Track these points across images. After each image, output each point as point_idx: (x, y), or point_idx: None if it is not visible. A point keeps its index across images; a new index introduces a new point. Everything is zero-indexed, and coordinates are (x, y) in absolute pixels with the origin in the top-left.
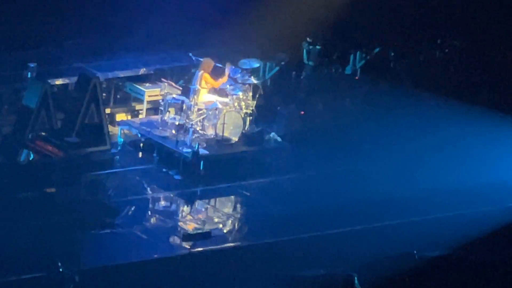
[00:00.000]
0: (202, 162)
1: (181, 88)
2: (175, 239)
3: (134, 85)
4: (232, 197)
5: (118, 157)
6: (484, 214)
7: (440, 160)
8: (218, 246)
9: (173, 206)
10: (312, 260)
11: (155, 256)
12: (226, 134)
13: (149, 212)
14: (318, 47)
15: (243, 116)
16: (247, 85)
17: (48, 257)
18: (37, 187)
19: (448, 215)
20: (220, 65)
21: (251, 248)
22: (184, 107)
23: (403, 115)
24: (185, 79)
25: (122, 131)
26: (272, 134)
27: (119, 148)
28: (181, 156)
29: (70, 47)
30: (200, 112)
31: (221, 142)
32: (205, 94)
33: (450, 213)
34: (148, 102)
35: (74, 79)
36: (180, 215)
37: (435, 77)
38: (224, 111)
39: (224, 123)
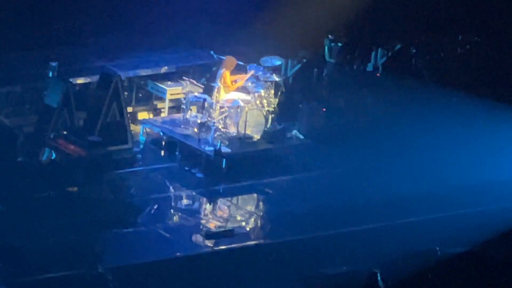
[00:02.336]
0: (224, 160)
1: (203, 86)
2: (198, 238)
3: (156, 83)
4: (255, 195)
5: (140, 155)
6: (507, 210)
7: (463, 156)
8: (241, 244)
9: (196, 204)
10: (335, 257)
11: (178, 254)
12: (248, 132)
13: (172, 211)
14: (339, 44)
15: (265, 113)
16: (269, 83)
17: (70, 256)
18: (59, 186)
19: (470, 211)
20: (242, 63)
21: (273, 246)
22: (206, 105)
23: (424, 112)
24: (207, 77)
25: (144, 130)
26: (294, 132)
27: (141, 146)
28: (203, 154)
29: (91, 46)
30: (222, 110)
31: (243, 140)
32: (227, 92)
33: (473, 209)
34: (170, 100)
35: (96, 78)
36: (202, 213)
37: (456, 73)
38: (246, 109)
39: (246, 121)
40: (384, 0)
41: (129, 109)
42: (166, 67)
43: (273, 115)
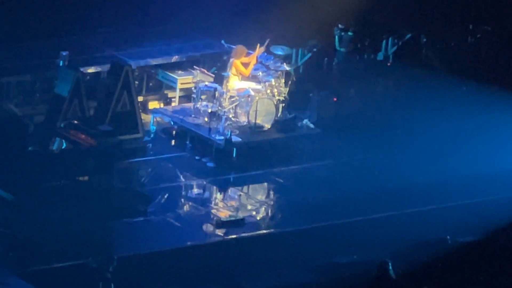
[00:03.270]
0: (235, 149)
1: (213, 76)
2: (208, 227)
3: (167, 72)
4: (265, 184)
5: (150, 145)
6: None
7: (473, 145)
8: (251, 233)
9: (206, 194)
10: (346, 247)
11: (189, 243)
12: (258, 121)
13: (182, 200)
14: (350, 33)
15: (275, 103)
16: (279, 72)
17: (81, 245)
18: (70, 176)
19: (481, 201)
20: (252, 52)
21: (284, 235)
22: (216, 95)
23: (435, 101)
24: (217, 66)
25: (154, 119)
26: (305, 121)
27: (151, 136)
28: (214, 143)
29: (102, 35)
30: (233, 99)
31: (254, 129)
32: (237, 81)
33: (483, 199)
34: (181, 89)
35: (107, 67)
36: (213, 202)
37: (466, 62)
38: (257, 98)
39: (256, 110)
40: None
41: (140, 98)
42: (176, 56)
43: (283, 104)
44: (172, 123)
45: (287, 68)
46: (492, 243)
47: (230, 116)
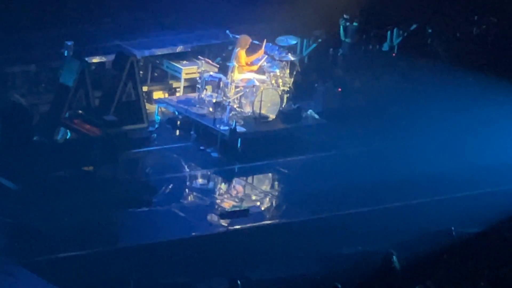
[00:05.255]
0: (239, 140)
1: (218, 66)
2: (213, 217)
3: (171, 62)
4: (270, 174)
5: (155, 135)
6: None
7: (478, 137)
8: (256, 224)
9: (211, 184)
10: (351, 238)
11: (193, 233)
12: (263, 112)
13: (187, 190)
14: (355, 24)
15: (280, 93)
16: (284, 62)
17: (86, 235)
18: (75, 166)
19: (486, 192)
20: (257, 42)
21: (288, 226)
22: (221, 85)
23: (440, 92)
24: (222, 56)
25: (159, 109)
26: (310, 111)
27: (156, 126)
28: (218, 133)
29: (107, 25)
30: (238, 89)
31: (259, 119)
32: (240, 72)
33: (488, 190)
34: (185, 79)
35: (112, 57)
36: (217, 192)
37: (472, 53)
38: (262, 88)
39: (261, 101)
40: None
41: (145, 89)
42: (181, 46)
43: (288, 95)
44: (176, 113)
45: (292, 59)
46: (496, 234)
47: (235, 106)
